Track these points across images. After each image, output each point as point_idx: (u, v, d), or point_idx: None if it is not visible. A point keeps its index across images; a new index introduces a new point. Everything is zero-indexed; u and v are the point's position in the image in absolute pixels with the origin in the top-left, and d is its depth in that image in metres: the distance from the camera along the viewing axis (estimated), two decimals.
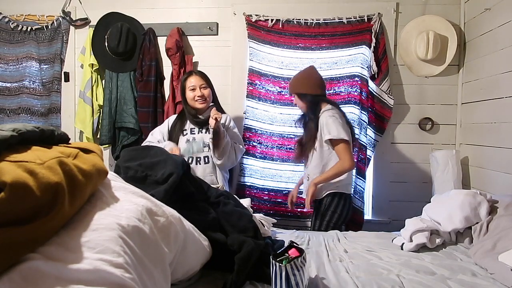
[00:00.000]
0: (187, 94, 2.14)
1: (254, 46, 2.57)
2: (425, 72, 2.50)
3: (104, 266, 0.62)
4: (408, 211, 2.51)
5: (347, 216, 2.03)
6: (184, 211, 1.05)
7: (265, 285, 1.14)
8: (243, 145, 2.22)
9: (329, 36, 2.51)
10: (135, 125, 2.58)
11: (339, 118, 1.97)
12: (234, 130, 2.20)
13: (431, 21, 2.45)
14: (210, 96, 2.16)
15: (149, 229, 0.80)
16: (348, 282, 1.19)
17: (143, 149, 1.43)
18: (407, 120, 2.56)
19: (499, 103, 2.07)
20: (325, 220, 1.98)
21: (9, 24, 2.73)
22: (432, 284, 1.19)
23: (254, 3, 2.58)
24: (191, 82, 2.14)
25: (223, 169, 2.14)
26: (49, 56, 2.72)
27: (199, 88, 2.12)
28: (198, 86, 2.12)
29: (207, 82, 2.16)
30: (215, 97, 2.23)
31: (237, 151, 2.13)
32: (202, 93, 2.12)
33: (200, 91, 2.12)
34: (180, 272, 0.99)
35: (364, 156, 2.49)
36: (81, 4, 2.70)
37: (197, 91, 2.11)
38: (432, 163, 2.43)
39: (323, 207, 2.00)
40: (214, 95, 2.21)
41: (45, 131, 0.75)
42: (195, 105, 2.13)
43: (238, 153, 2.14)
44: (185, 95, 2.16)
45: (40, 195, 0.58)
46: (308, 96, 2.04)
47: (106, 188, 0.84)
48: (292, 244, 1.12)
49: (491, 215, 1.58)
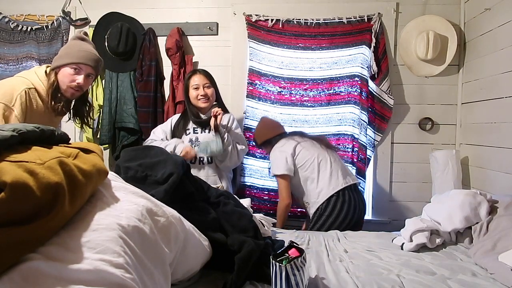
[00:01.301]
0: (190, 92, 2.14)
1: (254, 46, 2.57)
2: (425, 72, 2.50)
3: (105, 266, 0.62)
4: (408, 211, 2.54)
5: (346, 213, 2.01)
6: (184, 211, 1.05)
7: (265, 285, 1.14)
8: (246, 145, 2.22)
9: (329, 36, 2.51)
10: (135, 125, 2.58)
11: (282, 153, 2.09)
12: (236, 131, 2.19)
13: (431, 21, 2.45)
14: (213, 96, 2.15)
15: (149, 229, 0.80)
16: (348, 282, 1.19)
17: (143, 149, 1.43)
18: (407, 120, 2.56)
19: (499, 103, 2.07)
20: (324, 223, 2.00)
21: (9, 24, 2.73)
22: (432, 284, 1.19)
23: (254, 3, 2.58)
24: (195, 80, 2.13)
25: (226, 169, 2.14)
26: (49, 56, 2.71)
27: (202, 87, 2.11)
28: (201, 85, 2.11)
29: (210, 81, 2.15)
30: (219, 97, 2.23)
31: (239, 152, 2.12)
32: (206, 92, 2.11)
33: (204, 90, 2.11)
34: (180, 272, 0.99)
35: (364, 156, 2.49)
36: (81, 4, 2.70)
37: (200, 90, 2.11)
38: (432, 163, 2.43)
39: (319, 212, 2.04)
40: (218, 95, 2.21)
41: (45, 131, 0.75)
42: (198, 104, 2.13)
43: (240, 154, 2.14)
44: (188, 94, 2.16)
45: (40, 195, 0.58)
46: (266, 141, 2.25)
47: (106, 188, 0.84)
48: (292, 244, 1.12)
49: (491, 215, 1.59)
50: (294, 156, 2.09)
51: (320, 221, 2.00)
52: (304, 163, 2.07)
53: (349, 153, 2.55)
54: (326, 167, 2.05)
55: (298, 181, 2.11)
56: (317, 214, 2.03)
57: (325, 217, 2.00)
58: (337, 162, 2.12)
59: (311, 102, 2.56)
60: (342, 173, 2.08)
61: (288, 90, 2.56)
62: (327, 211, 1.99)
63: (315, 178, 2.05)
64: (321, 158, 2.08)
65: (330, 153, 2.14)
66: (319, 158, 2.08)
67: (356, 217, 2.03)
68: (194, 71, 2.22)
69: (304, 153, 2.09)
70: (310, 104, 2.56)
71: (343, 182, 2.03)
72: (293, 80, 2.56)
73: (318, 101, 2.56)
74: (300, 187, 2.11)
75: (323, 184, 2.03)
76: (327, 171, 2.05)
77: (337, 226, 1.96)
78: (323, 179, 2.04)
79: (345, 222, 1.98)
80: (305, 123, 2.57)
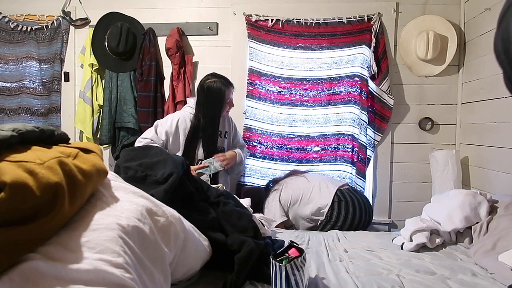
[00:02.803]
0: (225, 107, 2.05)
1: (254, 46, 2.57)
2: (425, 72, 2.50)
3: (104, 266, 0.62)
4: (408, 211, 2.53)
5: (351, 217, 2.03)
6: (184, 211, 1.05)
7: (265, 285, 1.14)
8: (244, 145, 2.28)
9: (329, 36, 2.51)
10: (135, 125, 2.58)
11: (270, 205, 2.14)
12: (237, 132, 2.27)
13: (431, 21, 2.45)
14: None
15: (149, 229, 0.80)
16: (348, 282, 1.19)
17: (143, 149, 1.43)
18: (407, 120, 2.56)
19: (499, 103, 2.07)
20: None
21: (9, 24, 2.73)
22: (432, 284, 1.19)
23: (254, 3, 2.58)
24: (229, 95, 2.04)
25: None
26: (49, 56, 2.71)
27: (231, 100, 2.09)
28: (232, 99, 2.09)
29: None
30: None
31: (244, 157, 2.19)
32: (232, 104, 2.11)
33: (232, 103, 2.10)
34: (180, 272, 0.99)
35: (364, 156, 2.49)
36: (81, 4, 2.70)
37: (231, 104, 2.09)
38: (432, 163, 2.43)
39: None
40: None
41: (45, 131, 0.75)
42: (223, 116, 2.09)
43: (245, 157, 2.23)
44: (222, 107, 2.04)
45: (40, 195, 0.58)
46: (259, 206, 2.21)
47: (106, 188, 0.84)
48: (292, 244, 1.12)
49: (491, 215, 1.59)
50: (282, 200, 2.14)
51: (328, 227, 2.01)
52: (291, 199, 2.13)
53: (349, 153, 2.55)
54: (313, 184, 2.14)
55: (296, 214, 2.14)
56: (324, 222, 2.04)
57: (332, 223, 2.00)
58: (318, 177, 2.25)
59: (311, 102, 2.56)
60: (331, 181, 2.19)
61: (288, 90, 2.56)
62: (333, 217, 2.00)
63: (307, 199, 2.10)
64: (304, 183, 2.17)
65: (309, 175, 2.27)
66: (303, 183, 2.17)
67: (364, 216, 2.04)
68: (229, 82, 2.07)
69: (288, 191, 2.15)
70: (310, 104, 2.56)
71: (335, 186, 2.10)
72: (293, 80, 2.56)
73: (318, 101, 2.56)
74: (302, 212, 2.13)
75: (318, 195, 2.08)
76: (315, 186, 2.12)
77: (347, 229, 1.97)
78: (316, 194, 2.09)
79: (354, 222, 2.00)
80: (305, 123, 2.57)
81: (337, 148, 2.56)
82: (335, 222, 1.99)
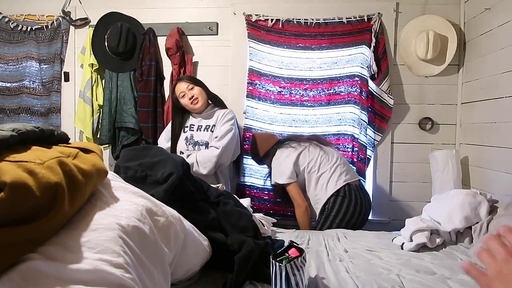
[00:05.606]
0: (182, 102, 2.19)
1: (254, 46, 2.57)
2: (425, 72, 2.50)
3: (104, 266, 0.62)
4: (408, 211, 2.54)
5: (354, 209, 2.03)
6: (184, 211, 1.05)
7: (265, 285, 1.14)
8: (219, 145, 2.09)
9: (329, 36, 2.51)
10: (135, 125, 2.58)
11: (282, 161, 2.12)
12: (222, 127, 2.14)
13: (431, 21, 2.45)
14: (201, 93, 2.19)
15: (149, 229, 0.80)
16: (348, 282, 1.19)
17: (143, 149, 1.43)
18: (407, 120, 2.56)
19: (499, 103, 2.07)
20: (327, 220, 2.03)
21: (9, 24, 2.73)
22: (432, 284, 1.19)
23: (254, 3, 2.58)
24: (179, 90, 2.19)
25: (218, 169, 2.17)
26: (49, 56, 2.71)
27: (187, 91, 2.16)
28: (186, 90, 2.16)
29: (192, 82, 2.20)
30: (210, 92, 2.27)
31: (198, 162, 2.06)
32: (192, 94, 2.16)
33: (189, 93, 2.16)
34: (180, 272, 0.99)
35: (364, 156, 2.49)
36: (81, 4, 2.69)
37: (187, 95, 2.16)
38: (432, 163, 2.43)
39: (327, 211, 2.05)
40: (208, 91, 2.25)
41: (45, 131, 0.75)
42: (194, 108, 2.18)
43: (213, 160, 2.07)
44: (181, 105, 2.22)
45: (40, 195, 0.58)
46: (265, 155, 2.26)
47: (106, 188, 0.84)
48: (292, 244, 1.12)
49: (491, 215, 1.58)
50: (297, 162, 2.12)
51: (328, 222, 2.01)
52: (308, 165, 2.10)
53: (349, 153, 2.55)
54: (329, 165, 2.09)
55: (303, 184, 2.13)
56: (324, 215, 2.04)
57: (332, 217, 2.01)
58: (338, 159, 2.14)
59: (311, 102, 2.56)
60: (346, 169, 2.12)
61: (288, 90, 2.56)
62: (334, 211, 2.01)
63: (319, 178, 2.08)
64: (323, 158, 2.11)
65: (330, 151, 2.17)
66: (321, 158, 2.11)
67: (362, 216, 2.06)
68: (176, 81, 2.27)
69: (306, 157, 2.12)
70: (310, 104, 2.56)
71: (345, 179, 2.07)
72: (293, 80, 2.56)
73: (318, 101, 2.55)
74: (306, 188, 2.14)
75: (327, 181, 2.06)
76: (329, 169, 2.08)
77: (344, 224, 1.99)
78: (326, 177, 2.07)
79: (352, 220, 2.01)
80: (305, 123, 2.57)
81: (337, 148, 2.55)
82: (334, 217, 2.01)
